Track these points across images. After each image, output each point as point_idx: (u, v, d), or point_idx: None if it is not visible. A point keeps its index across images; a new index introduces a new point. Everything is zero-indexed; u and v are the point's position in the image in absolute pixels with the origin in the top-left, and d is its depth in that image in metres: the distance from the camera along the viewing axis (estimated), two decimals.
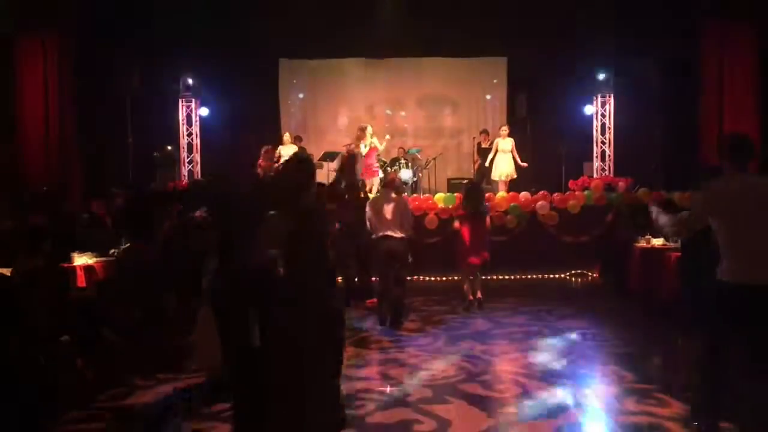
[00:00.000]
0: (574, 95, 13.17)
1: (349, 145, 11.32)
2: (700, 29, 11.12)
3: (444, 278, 10.05)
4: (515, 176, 12.14)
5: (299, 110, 14.63)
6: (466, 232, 7.78)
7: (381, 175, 11.23)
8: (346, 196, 7.96)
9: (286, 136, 12.26)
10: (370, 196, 9.45)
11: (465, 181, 10.92)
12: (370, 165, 11.16)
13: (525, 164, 12.04)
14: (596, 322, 7.21)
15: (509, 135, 12.02)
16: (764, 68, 10.69)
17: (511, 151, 12.00)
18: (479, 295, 7.99)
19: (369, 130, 11.31)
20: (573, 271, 10.83)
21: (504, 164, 12.02)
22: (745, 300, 3.48)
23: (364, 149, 11.00)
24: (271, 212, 3.40)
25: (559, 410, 4.45)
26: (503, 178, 12.03)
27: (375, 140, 11.33)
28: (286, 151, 11.93)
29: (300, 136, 12.67)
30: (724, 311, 3.59)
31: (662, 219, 3.95)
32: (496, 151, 12.05)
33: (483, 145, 12.55)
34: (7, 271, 5.25)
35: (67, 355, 4.89)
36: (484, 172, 12.56)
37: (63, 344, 4.85)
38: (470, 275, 7.97)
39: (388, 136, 11.91)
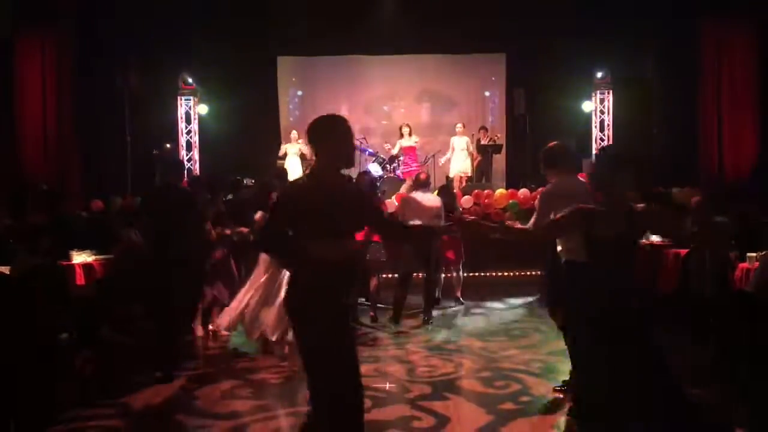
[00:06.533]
0: (572, 92, 13.15)
1: None
2: (699, 25, 11.11)
3: (446, 275, 10.02)
4: (471, 174, 12.30)
5: (298, 107, 14.61)
6: None
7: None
8: None
9: (294, 134, 12.22)
10: None
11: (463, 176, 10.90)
12: None
13: (479, 158, 12.40)
14: None
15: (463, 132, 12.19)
16: (762, 63, 10.69)
17: (467, 149, 12.15)
18: (457, 293, 8.47)
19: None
20: None
21: (459, 162, 12.12)
22: None
23: None
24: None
25: (558, 407, 4.45)
26: (460, 175, 12.17)
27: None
28: (291, 149, 11.99)
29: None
30: None
31: None
32: (453, 149, 12.16)
33: (482, 142, 12.55)
34: (6, 270, 5.26)
35: (66, 353, 4.90)
36: (484, 169, 12.58)
37: (62, 342, 4.86)
38: (448, 272, 8.47)
39: None
